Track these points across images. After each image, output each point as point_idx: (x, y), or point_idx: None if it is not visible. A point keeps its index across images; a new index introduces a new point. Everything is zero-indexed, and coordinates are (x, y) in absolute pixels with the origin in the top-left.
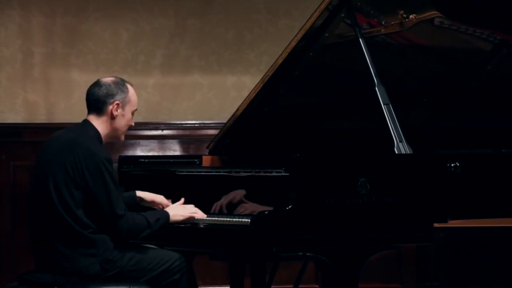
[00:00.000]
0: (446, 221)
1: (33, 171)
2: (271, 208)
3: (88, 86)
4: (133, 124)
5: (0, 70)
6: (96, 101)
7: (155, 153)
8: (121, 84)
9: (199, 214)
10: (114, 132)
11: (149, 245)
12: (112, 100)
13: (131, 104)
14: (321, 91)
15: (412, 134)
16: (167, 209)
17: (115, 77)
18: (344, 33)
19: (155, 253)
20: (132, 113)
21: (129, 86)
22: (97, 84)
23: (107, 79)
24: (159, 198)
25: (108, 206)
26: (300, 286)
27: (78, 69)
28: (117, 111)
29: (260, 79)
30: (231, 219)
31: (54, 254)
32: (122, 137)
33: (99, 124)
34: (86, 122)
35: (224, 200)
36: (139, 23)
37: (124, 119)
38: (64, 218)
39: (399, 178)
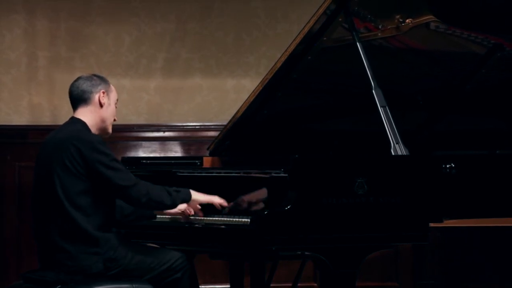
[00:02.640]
0: (441, 221)
1: (34, 172)
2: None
3: None
4: (116, 118)
5: (6, 73)
6: (82, 92)
7: (157, 155)
8: (101, 77)
9: (220, 200)
10: (102, 123)
11: (151, 244)
12: (97, 89)
13: (113, 94)
14: (319, 93)
15: (408, 136)
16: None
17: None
18: (341, 37)
19: (157, 252)
20: (115, 105)
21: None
22: (78, 79)
23: (86, 74)
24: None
25: (115, 181)
26: (298, 284)
27: (81, 72)
28: (103, 99)
29: (260, 82)
30: (231, 219)
31: (59, 253)
32: (110, 129)
33: (87, 115)
34: (73, 119)
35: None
36: (141, 27)
37: (110, 108)
38: (70, 216)
39: (396, 179)
